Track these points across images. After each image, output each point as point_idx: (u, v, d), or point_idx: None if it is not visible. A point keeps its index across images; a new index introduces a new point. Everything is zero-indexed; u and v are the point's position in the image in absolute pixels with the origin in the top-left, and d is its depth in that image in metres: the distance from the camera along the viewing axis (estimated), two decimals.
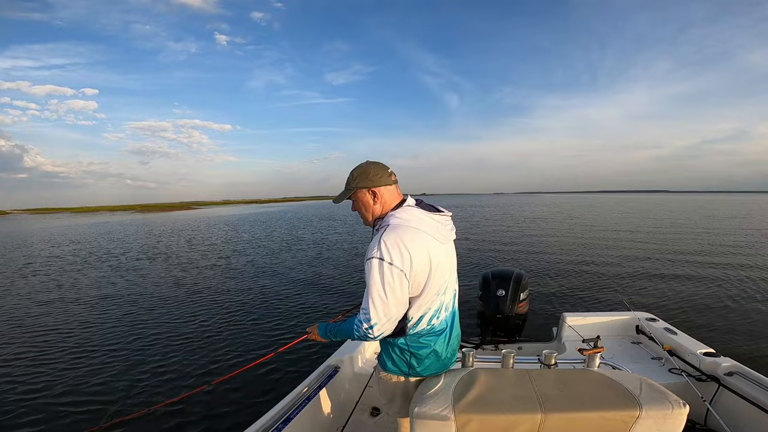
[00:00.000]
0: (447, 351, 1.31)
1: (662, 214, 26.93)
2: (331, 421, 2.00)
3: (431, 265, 1.18)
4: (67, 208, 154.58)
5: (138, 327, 5.47)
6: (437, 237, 1.22)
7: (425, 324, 1.24)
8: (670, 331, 2.49)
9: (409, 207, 1.24)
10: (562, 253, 10.73)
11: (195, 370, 4.05)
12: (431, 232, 1.21)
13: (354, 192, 1.29)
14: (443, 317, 1.28)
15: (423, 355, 1.26)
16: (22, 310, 6.61)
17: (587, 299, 6.22)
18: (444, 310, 1.28)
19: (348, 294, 7.01)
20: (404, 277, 1.12)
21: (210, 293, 7.31)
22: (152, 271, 9.90)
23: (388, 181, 1.27)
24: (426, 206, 1.29)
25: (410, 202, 1.28)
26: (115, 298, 7.25)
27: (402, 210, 1.23)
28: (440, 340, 1.28)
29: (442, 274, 1.24)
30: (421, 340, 1.25)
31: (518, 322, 2.98)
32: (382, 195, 1.26)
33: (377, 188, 1.26)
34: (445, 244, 1.27)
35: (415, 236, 1.16)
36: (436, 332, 1.27)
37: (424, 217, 1.22)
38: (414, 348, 1.26)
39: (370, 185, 1.26)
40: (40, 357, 4.54)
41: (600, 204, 50.40)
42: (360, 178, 1.27)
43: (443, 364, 1.31)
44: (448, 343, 1.31)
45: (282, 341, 4.74)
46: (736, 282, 7.09)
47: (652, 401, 0.97)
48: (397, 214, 1.21)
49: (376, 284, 1.12)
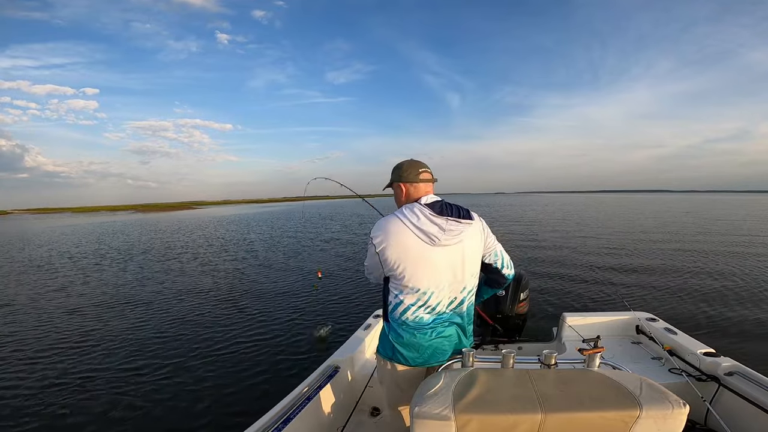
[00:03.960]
0: (427, 350, 1.41)
1: (663, 214, 26.92)
2: (331, 421, 2.00)
3: (405, 255, 1.34)
4: (68, 208, 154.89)
5: (138, 326, 5.49)
6: (424, 236, 1.33)
7: (403, 314, 1.40)
8: (670, 331, 2.49)
9: (415, 204, 1.40)
10: (562, 253, 10.73)
11: (195, 369, 4.06)
12: (421, 229, 1.33)
13: (391, 184, 1.53)
14: (423, 316, 1.39)
15: (401, 344, 1.42)
16: (33, 315, 6.63)
17: (587, 299, 6.22)
18: (425, 309, 1.38)
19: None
20: (375, 251, 1.39)
21: (211, 293, 7.33)
22: (152, 272, 9.92)
23: (416, 180, 1.45)
24: (438, 208, 1.38)
25: (424, 200, 1.41)
26: (115, 298, 7.28)
27: (408, 205, 1.40)
28: (420, 336, 1.40)
29: (423, 272, 1.35)
30: (399, 330, 1.42)
31: (518, 322, 2.98)
32: (407, 190, 1.46)
33: (404, 184, 1.46)
34: (437, 246, 1.33)
35: (397, 227, 1.35)
36: (415, 327, 1.40)
37: (422, 216, 1.35)
38: (393, 336, 1.44)
39: (399, 180, 1.47)
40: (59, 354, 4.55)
41: (601, 203, 50.39)
42: (395, 173, 1.50)
43: (425, 361, 1.43)
44: (429, 342, 1.41)
45: (281, 341, 4.75)
46: (736, 282, 7.09)
47: (652, 401, 0.97)
48: (403, 208, 1.40)
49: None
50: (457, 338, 1.45)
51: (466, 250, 1.38)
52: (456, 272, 1.38)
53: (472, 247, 1.40)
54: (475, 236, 1.40)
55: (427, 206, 1.38)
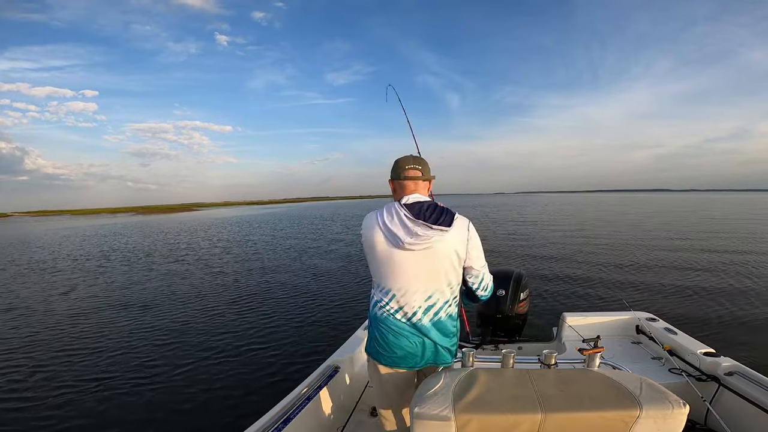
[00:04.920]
0: (395, 352, 1.38)
1: (663, 213, 26.92)
2: (331, 421, 1.99)
3: (373, 253, 1.37)
4: (67, 211, 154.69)
5: (136, 328, 5.49)
6: (391, 237, 1.31)
7: (378, 311, 1.40)
8: (670, 331, 2.49)
9: (396, 203, 1.38)
10: (562, 253, 10.73)
11: (196, 369, 4.06)
12: (390, 229, 1.32)
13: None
14: (391, 316, 1.37)
15: (375, 339, 1.43)
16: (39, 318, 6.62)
17: (587, 299, 6.22)
18: (393, 310, 1.36)
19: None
20: (361, 239, 1.43)
21: (212, 293, 7.33)
22: (152, 274, 9.91)
23: (400, 176, 1.43)
24: (416, 210, 1.33)
25: (405, 200, 1.38)
26: (115, 300, 7.27)
27: (391, 203, 1.40)
28: (389, 337, 1.38)
29: (388, 272, 1.35)
30: (374, 325, 1.43)
31: (518, 322, 2.97)
32: (394, 187, 1.47)
33: (392, 181, 1.47)
34: (402, 249, 1.30)
35: (371, 224, 1.37)
36: (384, 326, 1.38)
37: (395, 217, 1.33)
38: (370, 331, 1.46)
39: (390, 177, 1.48)
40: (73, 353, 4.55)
41: (600, 203, 50.38)
42: (391, 170, 1.50)
43: (394, 363, 1.40)
44: (397, 343, 1.37)
45: (279, 338, 4.75)
46: (736, 282, 7.08)
47: (653, 401, 0.97)
48: (386, 205, 1.41)
49: None
50: (423, 349, 1.37)
51: (436, 259, 1.31)
52: (422, 279, 1.33)
53: (443, 256, 1.31)
54: (448, 245, 1.31)
55: (405, 206, 1.34)
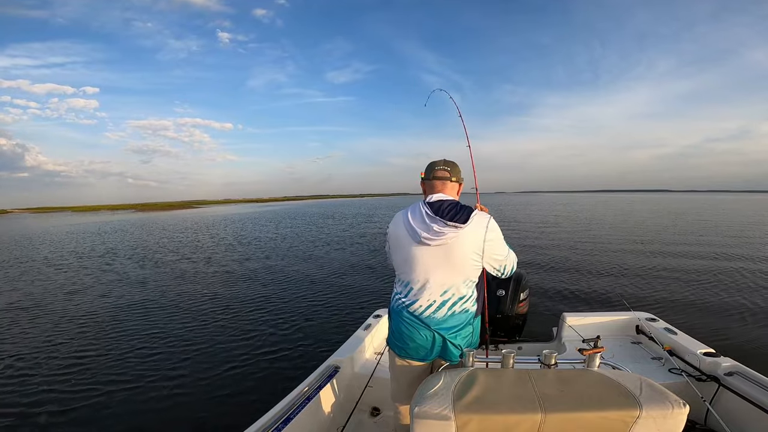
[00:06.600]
0: (408, 343, 1.48)
1: (663, 213, 26.90)
2: (331, 421, 2.00)
3: (396, 247, 1.51)
4: (68, 207, 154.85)
5: (138, 324, 5.50)
6: (411, 232, 1.43)
7: (396, 303, 1.53)
8: (670, 331, 2.49)
9: (421, 202, 1.50)
10: (562, 253, 10.73)
11: (195, 368, 4.06)
12: (411, 225, 1.43)
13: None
14: (407, 309, 1.46)
15: (392, 331, 1.56)
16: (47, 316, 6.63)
17: (587, 299, 6.22)
18: (409, 303, 1.46)
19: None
20: (387, 239, 1.59)
21: (212, 293, 7.34)
22: (151, 273, 9.92)
23: (430, 177, 1.57)
24: (436, 207, 1.43)
25: (428, 198, 1.50)
26: (115, 300, 7.28)
27: (417, 202, 1.52)
28: (404, 328, 1.47)
29: (407, 266, 1.46)
30: (393, 317, 1.54)
31: (518, 322, 2.97)
32: (424, 187, 1.61)
33: (423, 182, 1.61)
34: (420, 244, 1.41)
35: (398, 220, 1.52)
36: (400, 318, 1.49)
37: (417, 213, 1.45)
38: (389, 323, 1.59)
39: (423, 178, 1.61)
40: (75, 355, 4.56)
41: (600, 203, 50.33)
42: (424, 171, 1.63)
43: (408, 355, 1.50)
44: (410, 335, 1.46)
45: (278, 338, 4.75)
46: (736, 282, 7.08)
47: (652, 401, 0.97)
48: (414, 204, 1.52)
49: None
50: (432, 343, 1.44)
51: (452, 254, 1.38)
52: (439, 274, 1.40)
53: (459, 252, 1.37)
54: (464, 241, 1.37)
55: (428, 204, 1.45)
